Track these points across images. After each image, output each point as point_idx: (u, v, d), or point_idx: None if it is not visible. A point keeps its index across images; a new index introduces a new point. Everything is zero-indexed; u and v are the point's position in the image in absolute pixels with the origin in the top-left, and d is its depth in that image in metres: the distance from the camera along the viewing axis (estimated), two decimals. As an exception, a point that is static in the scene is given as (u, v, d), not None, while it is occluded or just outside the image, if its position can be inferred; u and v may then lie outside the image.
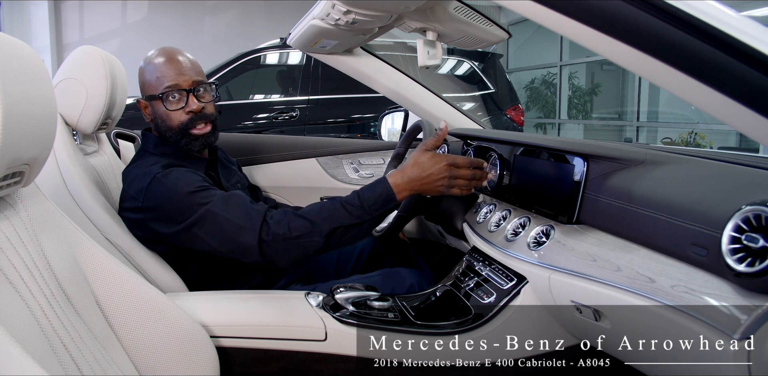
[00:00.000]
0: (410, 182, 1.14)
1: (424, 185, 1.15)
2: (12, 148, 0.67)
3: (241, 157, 1.88)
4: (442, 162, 1.14)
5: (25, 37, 7.33)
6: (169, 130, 1.28)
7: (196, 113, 1.27)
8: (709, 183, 0.85)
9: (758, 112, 0.62)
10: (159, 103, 1.27)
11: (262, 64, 5.00)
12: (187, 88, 1.27)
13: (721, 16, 0.61)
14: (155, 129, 1.32)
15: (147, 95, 1.29)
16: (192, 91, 1.27)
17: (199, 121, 1.28)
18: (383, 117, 2.45)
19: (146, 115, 1.33)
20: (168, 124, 1.28)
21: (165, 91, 1.26)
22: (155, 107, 1.28)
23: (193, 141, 1.29)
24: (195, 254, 1.25)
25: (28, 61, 0.73)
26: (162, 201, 1.16)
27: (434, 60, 1.43)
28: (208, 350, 0.97)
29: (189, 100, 1.27)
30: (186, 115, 1.27)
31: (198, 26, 8.09)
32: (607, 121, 7.74)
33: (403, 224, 1.34)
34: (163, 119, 1.28)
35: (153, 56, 1.30)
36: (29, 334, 0.69)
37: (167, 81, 1.26)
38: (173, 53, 1.29)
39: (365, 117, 4.91)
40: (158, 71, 1.27)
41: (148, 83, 1.29)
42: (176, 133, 1.28)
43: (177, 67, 1.27)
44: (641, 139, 6.59)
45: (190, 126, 1.28)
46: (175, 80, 1.26)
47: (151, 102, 1.29)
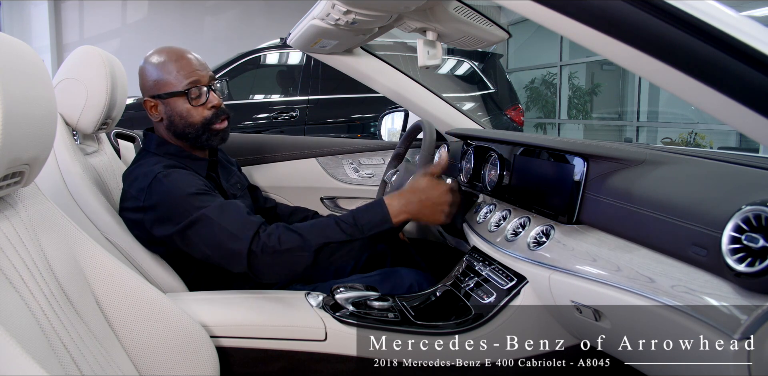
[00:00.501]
0: (408, 205, 1.15)
1: (423, 209, 1.15)
2: (12, 148, 0.67)
3: (241, 157, 1.87)
4: (443, 188, 1.16)
5: (25, 37, 7.34)
6: (190, 127, 1.28)
7: (218, 108, 1.29)
8: (709, 183, 0.85)
9: (758, 112, 0.62)
10: (181, 100, 1.26)
11: (262, 64, 5.00)
12: (207, 83, 1.28)
13: (721, 16, 0.61)
14: (168, 127, 1.30)
15: (164, 93, 1.27)
16: (210, 87, 1.28)
17: (222, 115, 1.30)
18: (383, 117, 2.45)
19: (154, 114, 1.30)
20: (189, 120, 1.27)
21: (189, 87, 1.25)
22: (173, 104, 1.27)
23: (213, 136, 1.30)
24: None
25: (28, 61, 0.73)
26: (161, 200, 1.16)
27: (434, 60, 1.43)
28: (208, 350, 0.97)
29: (210, 95, 1.28)
30: (209, 110, 1.28)
31: (198, 26, 8.10)
32: (607, 121, 7.74)
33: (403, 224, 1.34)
34: (182, 116, 1.27)
35: (161, 55, 1.28)
36: (29, 334, 0.69)
37: (191, 76, 1.26)
38: (183, 50, 1.29)
39: (365, 117, 4.91)
40: (176, 68, 1.26)
41: (162, 81, 1.27)
42: (198, 130, 1.28)
43: (193, 64, 1.27)
44: (641, 139, 6.59)
45: (214, 121, 1.28)
46: (197, 76, 1.26)
47: (167, 100, 1.27)
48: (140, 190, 1.19)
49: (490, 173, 1.36)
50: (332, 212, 1.97)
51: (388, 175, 1.52)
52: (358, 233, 1.12)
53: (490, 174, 1.36)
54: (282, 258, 1.08)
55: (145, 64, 1.30)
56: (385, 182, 1.58)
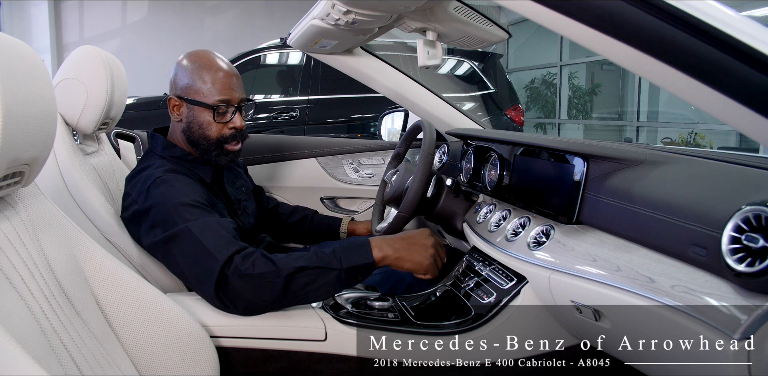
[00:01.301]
0: (392, 243, 1.11)
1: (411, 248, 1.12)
2: (12, 148, 0.67)
3: (242, 157, 1.88)
4: (432, 238, 1.15)
5: (25, 37, 7.34)
6: (204, 139, 1.28)
7: (238, 130, 1.29)
8: (709, 183, 0.85)
9: (758, 112, 0.62)
10: (205, 112, 1.27)
11: (262, 64, 5.00)
12: (236, 104, 1.28)
13: (721, 16, 0.61)
14: (184, 131, 1.30)
15: (191, 99, 1.27)
16: (239, 109, 1.28)
17: (238, 138, 1.30)
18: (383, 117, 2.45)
19: (176, 114, 1.30)
20: (206, 133, 1.28)
21: (218, 104, 1.26)
22: (197, 113, 1.27)
23: (223, 156, 1.30)
24: None
25: (28, 61, 0.73)
26: (154, 205, 1.14)
27: (434, 60, 1.43)
28: (208, 350, 0.97)
29: (235, 116, 1.28)
30: (229, 130, 1.28)
31: (198, 26, 8.10)
32: (607, 121, 7.73)
33: (403, 224, 1.34)
34: (201, 127, 1.27)
35: (202, 60, 1.28)
36: (29, 334, 0.69)
37: (223, 94, 1.26)
38: (224, 64, 1.30)
39: (365, 117, 4.91)
40: (212, 80, 1.26)
41: (194, 88, 1.27)
42: (211, 144, 1.28)
43: (233, 82, 1.28)
44: (641, 139, 6.59)
45: (229, 141, 1.29)
46: (230, 95, 1.27)
47: (194, 106, 1.27)
48: (139, 193, 1.19)
49: (490, 173, 1.36)
50: (332, 211, 1.97)
51: (388, 176, 1.52)
52: (336, 263, 1.06)
53: (490, 174, 1.36)
54: (252, 283, 1.02)
55: (184, 63, 1.30)
56: (385, 182, 1.58)
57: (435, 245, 1.16)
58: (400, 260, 1.12)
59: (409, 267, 1.13)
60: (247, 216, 1.44)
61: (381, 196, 1.62)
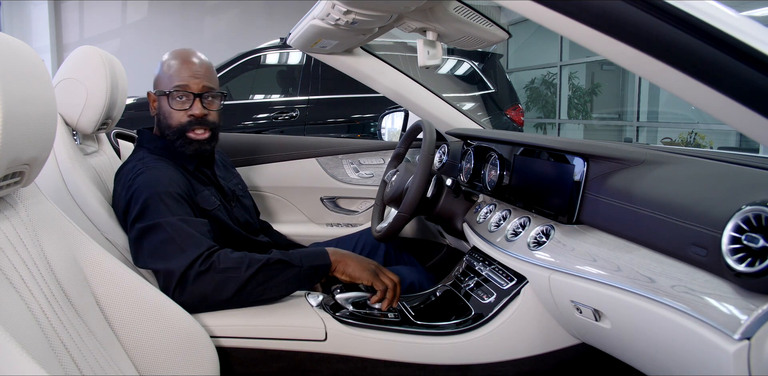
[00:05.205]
0: (344, 252, 1.18)
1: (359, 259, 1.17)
2: (12, 148, 0.68)
3: (241, 157, 1.88)
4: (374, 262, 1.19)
5: (25, 37, 7.34)
6: (168, 129, 1.30)
7: (197, 118, 1.28)
8: (709, 183, 0.85)
9: (758, 112, 0.62)
10: (165, 100, 1.29)
11: (262, 64, 5.00)
12: (197, 91, 1.28)
13: (721, 16, 0.61)
14: (157, 123, 1.34)
15: (157, 90, 1.31)
16: (200, 96, 1.28)
17: (198, 126, 1.29)
18: (383, 117, 2.45)
19: (152, 108, 1.35)
20: (168, 122, 1.30)
21: (173, 90, 1.28)
22: (162, 103, 1.31)
23: (187, 144, 1.30)
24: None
25: (28, 61, 0.73)
26: (138, 192, 1.16)
27: (434, 60, 1.43)
28: (208, 350, 0.97)
29: (194, 103, 1.28)
30: (187, 117, 1.29)
31: (198, 26, 8.10)
32: (607, 121, 7.74)
33: (403, 224, 1.34)
34: (165, 116, 1.30)
35: (172, 53, 1.32)
36: (29, 334, 0.69)
37: (178, 80, 1.28)
38: (191, 55, 1.31)
39: (365, 117, 4.91)
40: (172, 69, 1.29)
41: (160, 78, 1.31)
42: (173, 133, 1.29)
43: (191, 69, 1.29)
44: (641, 139, 6.59)
45: (188, 129, 1.29)
46: (186, 81, 1.28)
47: (159, 97, 1.31)
48: (123, 186, 1.21)
49: (490, 173, 1.36)
50: (332, 211, 1.97)
51: (388, 176, 1.52)
52: (297, 261, 1.11)
53: (490, 174, 1.36)
54: (213, 277, 1.04)
55: (162, 59, 1.34)
56: (385, 182, 1.58)
57: (379, 266, 1.19)
58: (348, 266, 1.16)
59: (353, 274, 1.15)
60: (245, 210, 1.46)
61: (381, 196, 1.62)
